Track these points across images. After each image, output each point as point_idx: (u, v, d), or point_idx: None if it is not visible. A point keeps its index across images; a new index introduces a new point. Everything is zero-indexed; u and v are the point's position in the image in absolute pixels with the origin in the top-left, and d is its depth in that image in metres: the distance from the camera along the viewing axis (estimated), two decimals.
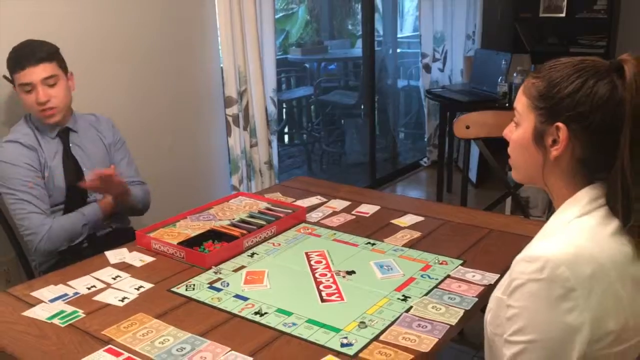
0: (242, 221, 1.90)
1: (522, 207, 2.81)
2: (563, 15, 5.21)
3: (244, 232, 1.79)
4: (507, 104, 3.61)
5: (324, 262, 1.64)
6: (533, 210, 3.44)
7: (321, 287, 1.50)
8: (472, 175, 4.44)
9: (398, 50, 5.69)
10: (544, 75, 1.07)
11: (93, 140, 2.13)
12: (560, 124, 1.04)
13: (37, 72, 1.92)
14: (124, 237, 1.93)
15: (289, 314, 1.38)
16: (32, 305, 1.45)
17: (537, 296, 0.97)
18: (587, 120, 1.02)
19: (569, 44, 4.86)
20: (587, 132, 1.03)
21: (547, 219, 1.13)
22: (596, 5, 5.16)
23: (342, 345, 1.24)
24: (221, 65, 2.91)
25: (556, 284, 0.96)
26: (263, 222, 1.86)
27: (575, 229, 1.03)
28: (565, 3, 5.20)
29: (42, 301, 1.47)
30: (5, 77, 2.00)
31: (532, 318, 0.98)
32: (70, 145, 2.07)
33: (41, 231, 1.92)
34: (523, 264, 1.00)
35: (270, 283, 1.53)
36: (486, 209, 2.36)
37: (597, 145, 1.03)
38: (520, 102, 1.11)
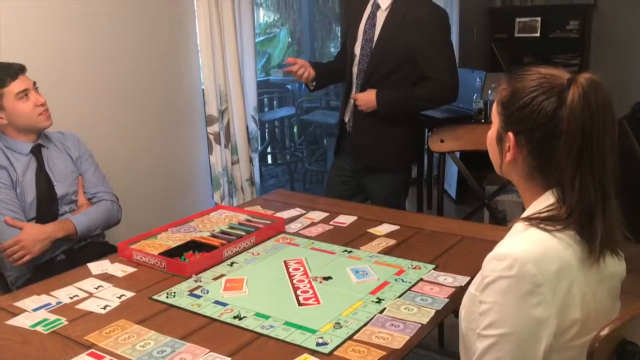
0: (222, 232, 1.94)
1: (498, 219, 2.88)
2: (537, 35, 5.40)
3: (224, 242, 1.83)
4: (482, 120, 3.71)
5: (301, 269, 1.68)
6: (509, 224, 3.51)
7: (298, 292, 1.54)
8: (452, 191, 4.51)
9: None
10: (511, 84, 1.14)
11: (61, 155, 2.19)
12: (510, 134, 1.12)
13: (27, 79, 2.04)
14: (99, 250, 1.99)
15: (267, 317, 1.42)
16: (15, 315, 1.48)
17: (507, 292, 1.03)
18: (531, 134, 1.09)
19: (543, 63, 5.00)
20: (531, 145, 1.10)
21: None
22: (568, 26, 5.35)
23: (318, 344, 1.29)
24: (202, 87, 2.97)
25: (524, 280, 1.02)
26: (242, 233, 1.91)
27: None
28: (539, 24, 5.39)
29: (25, 310, 1.50)
30: None
31: (502, 313, 1.04)
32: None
33: None
34: (493, 262, 1.06)
35: (249, 289, 1.58)
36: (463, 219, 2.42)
37: (544, 155, 1.09)
38: (495, 103, 1.19)
